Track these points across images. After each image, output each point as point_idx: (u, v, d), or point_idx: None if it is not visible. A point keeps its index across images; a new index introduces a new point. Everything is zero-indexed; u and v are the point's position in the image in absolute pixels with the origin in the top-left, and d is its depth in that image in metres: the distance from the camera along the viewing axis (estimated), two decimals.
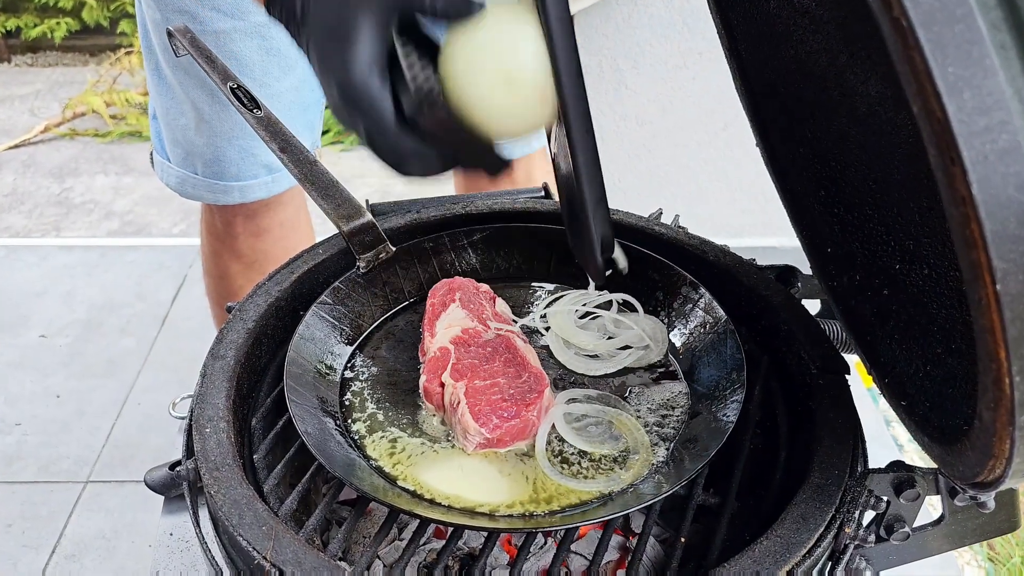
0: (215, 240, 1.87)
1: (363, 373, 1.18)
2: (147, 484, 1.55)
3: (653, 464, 1.03)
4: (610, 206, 1.43)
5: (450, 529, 1.00)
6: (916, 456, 2.60)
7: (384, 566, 1.14)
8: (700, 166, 2.78)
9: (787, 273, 1.33)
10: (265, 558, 0.88)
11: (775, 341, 1.20)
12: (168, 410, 1.50)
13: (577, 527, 0.95)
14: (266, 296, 1.22)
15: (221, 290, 1.93)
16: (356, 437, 1.08)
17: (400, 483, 1.01)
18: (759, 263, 1.31)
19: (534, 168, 2.04)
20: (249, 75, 1.53)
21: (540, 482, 1.01)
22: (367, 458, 1.04)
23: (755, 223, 2.93)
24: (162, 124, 1.67)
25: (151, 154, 1.83)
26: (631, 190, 2.83)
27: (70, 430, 2.61)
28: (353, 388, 1.16)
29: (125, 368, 2.83)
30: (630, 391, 1.16)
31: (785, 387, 1.17)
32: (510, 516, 0.97)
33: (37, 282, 3.23)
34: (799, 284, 1.32)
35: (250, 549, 0.89)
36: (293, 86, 1.60)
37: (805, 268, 1.31)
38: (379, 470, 1.03)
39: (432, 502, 0.98)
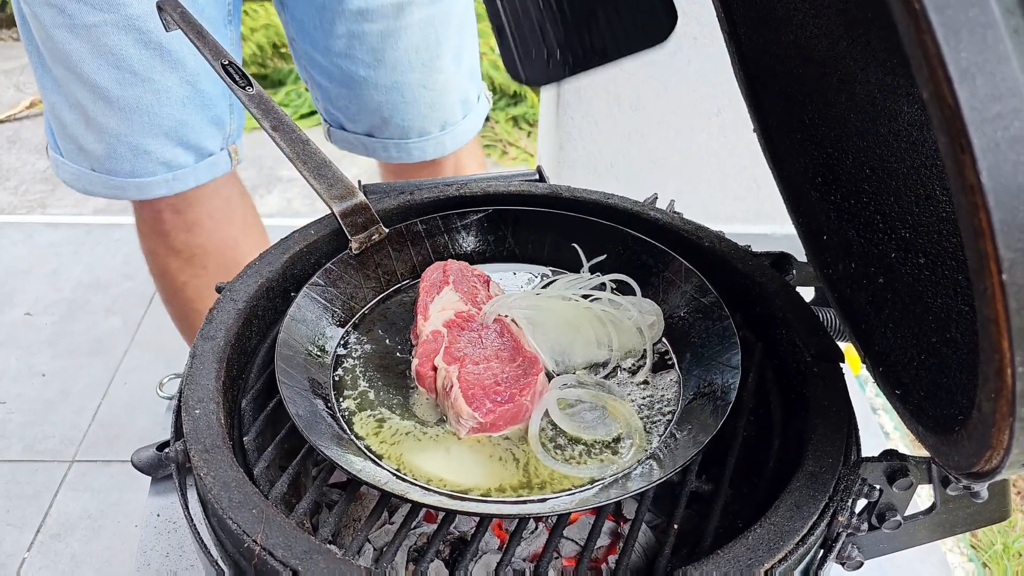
0: (149, 237, 1.77)
1: (356, 351, 1.17)
2: (134, 464, 1.54)
3: (646, 451, 1.03)
4: (603, 190, 1.42)
5: (441, 514, 0.99)
6: (901, 444, 2.61)
7: (374, 549, 1.14)
8: (693, 151, 2.77)
9: (782, 260, 1.32)
10: (255, 541, 0.87)
11: (770, 328, 1.19)
12: (155, 390, 1.49)
13: (569, 513, 0.94)
14: (257, 277, 1.20)
15: (165, 288, 1.84)
16: (345, 414, 1.07)
17: (385, 462, 1.00)
18: (754, 250, 1.31)
19: (464, 160, 1.96)
20: (129, 70, 1.44)
21: (533, 467, 1.01)
22: (355, 436, 1.03)
23: (747, 210, 2.93)
24: (51, 119, 1.57)
25: (47, 148, 1.68)
26: (623, 175, 2.81)
27: (56, 409, 2.59)
28: (345, 365, 1.15)
29: (111, 347, 2.80)
30: (624, 377, 1.15)
31: (779, 374, 1.16)
32: (502, 502, 0.96)
33: (22, 260, 3.20)
34: (794, 271, 1.32)
35: (240, 533, 0.88)
36: (185, 80, 1.51)
37: (800, 255, 1.31)
38: (367, 449, 1.02)
39: (423, 487, 0.97)
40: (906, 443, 2.60)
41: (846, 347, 1.19)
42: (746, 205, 2.92)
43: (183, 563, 1.38)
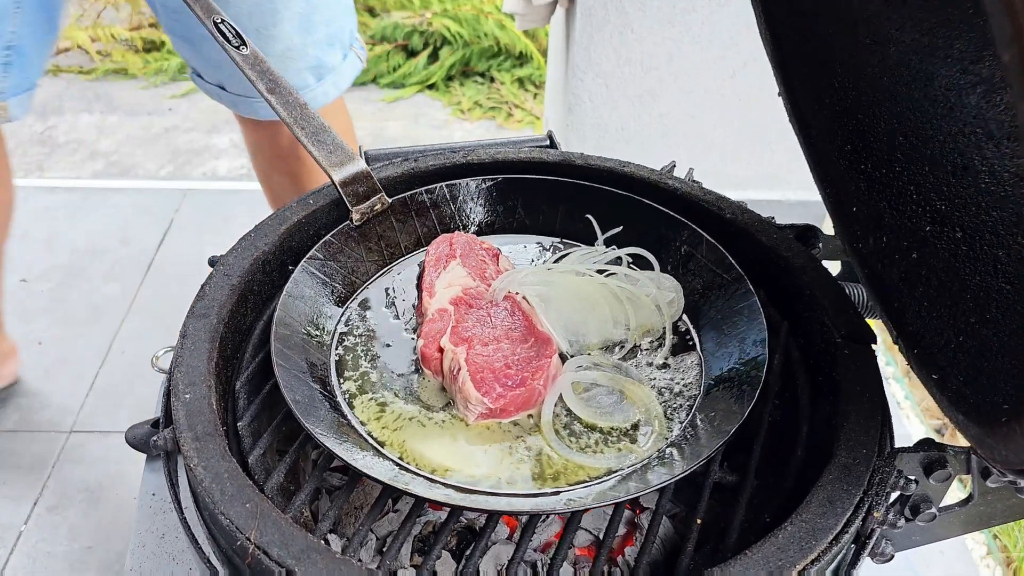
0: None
1: (357, 330, 1.11)
2: (128, 441, 1.48)
3: (667, 439, 0.96)
4: (614, 155, 1.35)
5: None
6: (912, 415, 2.55)
7: (377, 539, 1.08)
8: (706, 115, 2.68)
9: (808, 233, 1.25)
10: (249, 539, 0.81)
11: (796, 305, 1.12)
12: (151, 362, 1.43)
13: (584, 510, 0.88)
14: (252, 250, 1.13)
15: None
16: (346, 397, 1.00)
17: (387, 450, 0.94)
18: (772, 221, 1.23)
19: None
20: None
21: (546, 456, 0.94)
22: (356, 421, 0.97)
23: (760, 175, 2.84)
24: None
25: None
26: (634, 138, 2.73)
27: (52, 378, 2.53)
28: (345, 344, 1.08)
29: (109, 315, 2.74)
30: (642, 358, 1.08)
31: (806, 356, 1.09)
32: (512, 495, 0.90)
33: (18, 224, 3.11)
34: (820, 245, 1.25)
35: (233, 529, 0.82)
36: None
37: (823, 226, 1.24)
38: (369, 435, 0.96)
39: (428, 477, 0.91)
40: (917, 412, 2.54)
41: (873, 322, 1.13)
42: (759, 171, 2.83)
43: (179, 545, 1.33)
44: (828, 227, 1.22)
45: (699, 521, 0.90)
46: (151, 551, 1.34)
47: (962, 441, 0.87)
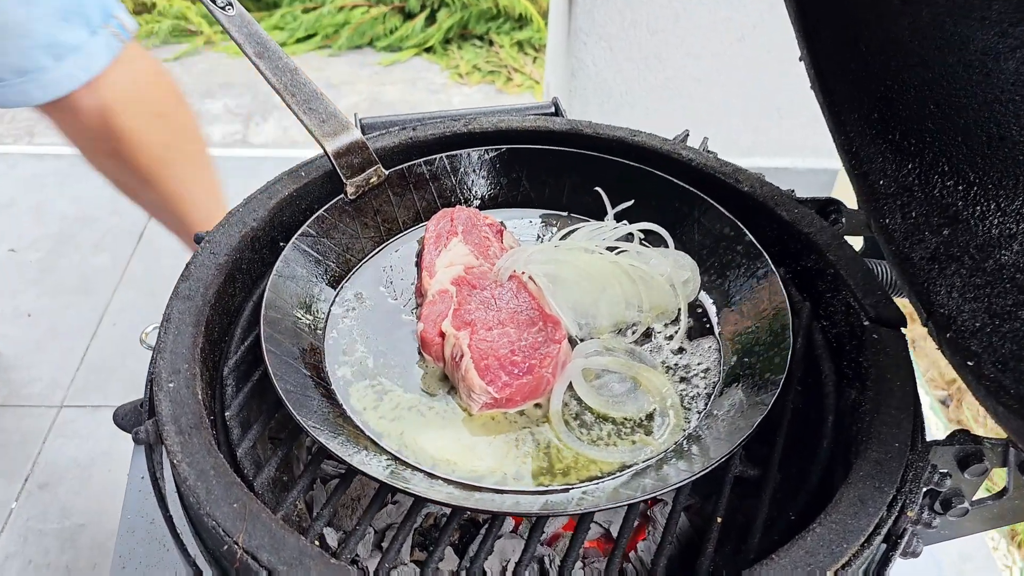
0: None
1: (352, 311, 1.04)
2: (116, 421, 1.42)
3: (684, 430, 0.90)
4: (616, 122, 1.27)
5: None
6: (922, 390, 2.50)
7: (375, 532, 1.02)
8: (713, 80, 2.59)
9: (829, 207, 1.18)
10: (237, 543, 0.75)
11: (819, 285, 1.06)
12: (140, 340, 1.36)
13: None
14: (240, 226, 1.06)
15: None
16: (340, 384, 0.94)
17: (384, 441, 0.88)
18: (792, 193, 1.16)
19: (114, 108, 1.67)
20: None
21: (555, 449, 0.88)
22: (351, 410, 0.91)
23: (767, 142, 2.76)
24: None
25: None
26: (638, 104, 2.64)
27: (42, 351, 2.47)
28: (340, 327, 1.02)
29: (100, 286, 2.68)
30: (657, 342, 1.02)
31: (829, 339, 1.03)
32: (520, 492, 0.84)
33: (5, 192, 3.05)
34: (843, 220, 1.18)
35: (219, 532, 0.76)
36: None
37: (842, 197, 1.17)
38: (365, 426, 0.89)
39: (428, 472, 0.85)
40: (922, 383, 2.49)
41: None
42: (767, 137, 2.76)
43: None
44: (846, 198, 1.15)
45: (719, 520, 0.84)
46: (140, 537, 1.28)
47: (995, 431, 0.81)
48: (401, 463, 0.86)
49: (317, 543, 0.98)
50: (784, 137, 2.76)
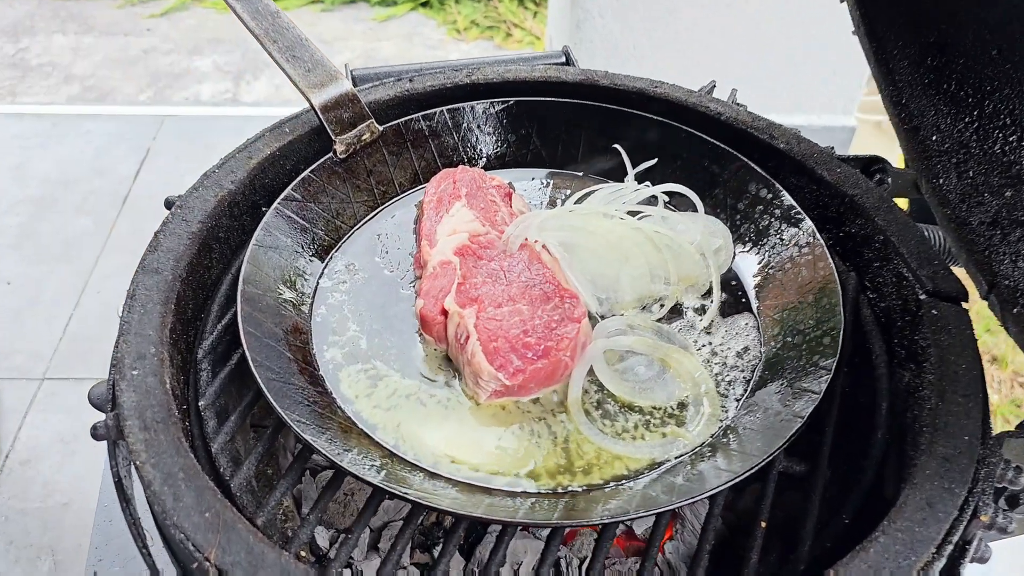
0: None
1: (343, 285, 0.93)
2: (91, 402, 1.31)
3: (721, 421, 0.79)
4: (627, 72, 1.15)
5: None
6: None
7: (371, 531, 0.92)
8: (725, 31, 2.46)
9: (873, 166, 1.07)
10: (208, 560, 0.64)
11: (865, 253, 0.95)
12: (117, 313, 1.25)
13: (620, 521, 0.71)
14: (216, 189, 0.94)
15: None
16: (330, 368, 0.83)
17: (379, 434, 0.77)
18: (832, 151, 1.05)
19: None
20: None
21: (575, 444, 0.77)
22: (341, 399, 0.80)
23: (781, 97, 2.63)
24: None
25: None
26: (647, 57, 2.51)
27: (23, 321, 2.36)
28: (330, 302, 0.90)
29: (83, 251, 2.56)
30: (687, 320, 0.91)
31: (878, 314, 0.92)
32: (535, 494, 0.73)
33: None
34: (889, 181, 1.06)
35: (188, 547, 0.65)
36: None
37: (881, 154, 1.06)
38: (357, 417, 0.79)
39: (429, 470, 0.74)
40: None
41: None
42: (780, 92, 2.62)
43: (150, 519, 1.17)
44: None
45: (763, 525, 0.73)
46: (120, 527, 1.17)
47: None
48: (398, 460, 0.75)
49: (306, 548, 0.87)
50: (800, 92, 2.63)
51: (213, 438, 0.79)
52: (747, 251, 0.95)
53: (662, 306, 0.90)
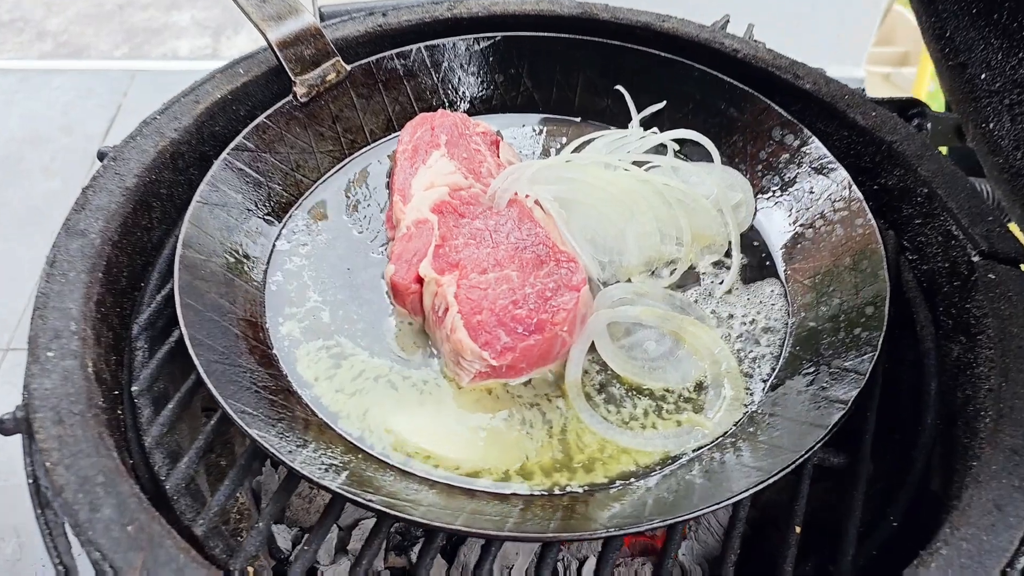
0: None
1: (303, 248, 0.80)
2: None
3: (746, 407, 0.67)
4: (630, 6, 1.02)
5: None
6: None
7: (340, 529, 0.80)
8: None
9: (910, 109, 0.94)
10: None
11: (905, 209, 0.83)
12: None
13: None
14: (157, 138, 0.82)
15: None
16: (286, 344, 0.71)
17: (342, 425, 0.65)
18: (863, 92, 0.92)
19: None
20: None
21: (574, 434, 0.66)
22: (298, 382, 0.68)
23: (784, 47, 2.48)
24: None
25: None
26: None
27: None
28: (287, 267, 0.78)
29: (50, 214, 2.42)
30: (704, 287, 0.78)
31: (923, 280, 0.80)
32: (527, 496, 0.61)
33: None
34: (928, 126, 0.94)
35: (105, 568, 0.53)
36: None
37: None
38: (316, 404, 0.66)
39: (400, 468, 0.63)
40: None
41: None
42: (789, 42, 2.48)
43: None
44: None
45: (798, 531, 0.62)
46: None
47: None
48: (363, 456, 0.63)
49: (263, 552, 0.76)
50: (806, 42, 2.49)
51: (147, 430, 0.67)
52: (771, 206, 0.83)
53: (674, 271, 0.78)
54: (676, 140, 0.88)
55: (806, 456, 0.60)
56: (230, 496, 0.64)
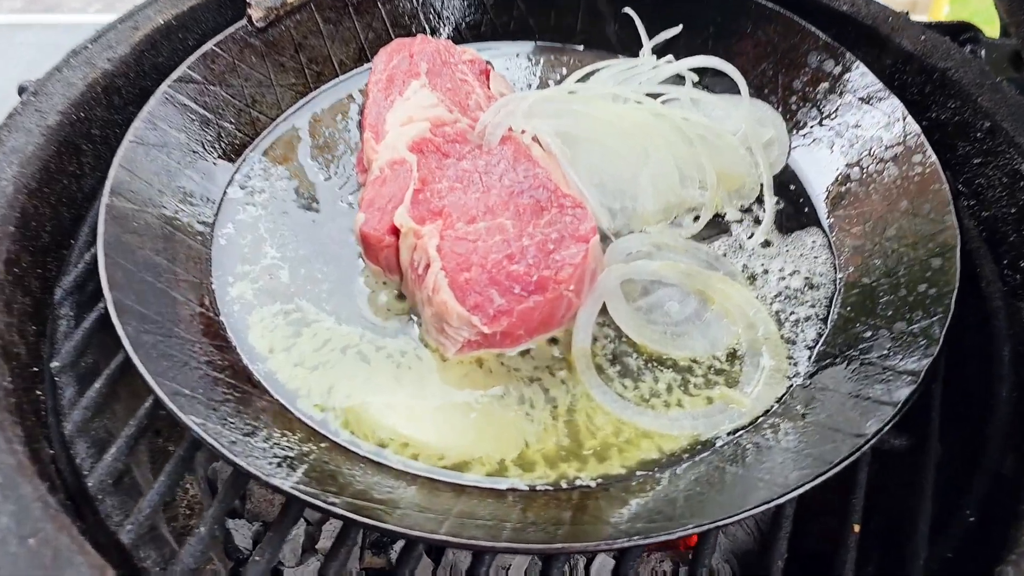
0: None
1: (260, 195, 0.68)
2: None
3: (790, 378, 0.56)
4: None
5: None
6: None
7: (308, 524, 0.69)
8: None
9: (964, 34, 0.82)
10: None
11: (962, 146, 0.71)
12: None
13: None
14: (87, 69, 0.70)
15: None
16: (235, 309, 0.59)
17: (299, 406, 0.53)
18: (907, 16, 0.81)
19: None
20: None
21: (583, 415, 0.55)
22: (248, 356, 0.56)
23: None
24: None
25: None
26: None
27: None
28: (241, 217, 0.67)
29: None
30: (734, 237, 0.67)
31: (984, 228, 0.68)
32: (528, 493, 0.50)
33: None
34: (982, 53, 0.82)
35: None
36: None
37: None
38: (270, 380, 0.55)
39: (369, 458, 0.51)
40: None
41: None
42: None
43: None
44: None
45: (856, 530, 0.50)
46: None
47: None
48: (327, 445, 0.52)
49: (218, 546, 0.65)
50: None
51: (68, 414, 0.56)
52: (808, 144, 0.72)
53: (697, 218, 0.67)
54: (695, 70, 0.76)
55: (871, 441, 0.49)
56: (166, 494, 0.53)
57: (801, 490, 0.48)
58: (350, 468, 0.52)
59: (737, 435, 0.54)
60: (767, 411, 0.55)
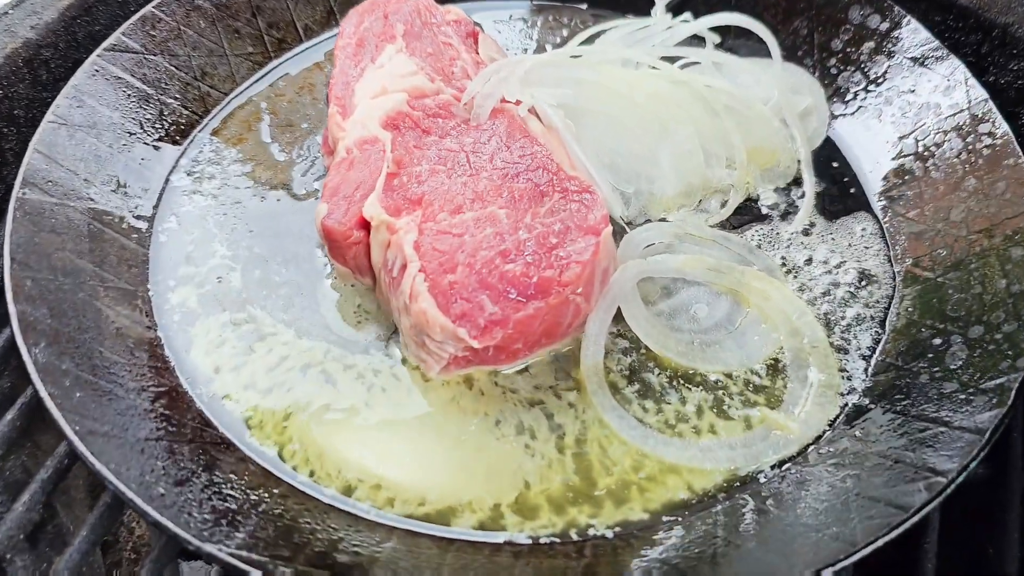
0: None
1: (210, 182, 0.59)
2: None
3: (845, 398, 0.46)
4: None
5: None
6: None
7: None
8: None
9: None
10: None
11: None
12: None
13: None
14: (6, 39, 0.60)
15: None
16: (176, 320, 0.49)
17: (250, 440, 0.44)
18: None
19: None
20: None
21: (595, 446, 0.45)
22: (188, 377, 0.47)
23: None
24: None
25: None
26: None
27: None
28: (186, 209, 0.57)
29: None
30: (771, 227, 0.57)
31: None
32: (528, 548, 0.41)
33: None
34: None
35: None
36: None
37: None
38: (212, 406, 0.45)
39: (334, 505, 0.42)
40: None
41: None
42: None
43: None
44: None
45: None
46: None
47: None
48: (283, 490, 0.42)
49: None
50: None
51: None
52: (852, 114, 0.61)
53: (725, 203, 0.57)
54: (717, 29, 0.66)
55: (957, 480, 0.39)
56: (89, 552, 0.43)
57: (871, 547, 0.38)
58: (309, 520, 0.42)
59: (784, 468, 0.44)
60: (819, 437, 0.45)
